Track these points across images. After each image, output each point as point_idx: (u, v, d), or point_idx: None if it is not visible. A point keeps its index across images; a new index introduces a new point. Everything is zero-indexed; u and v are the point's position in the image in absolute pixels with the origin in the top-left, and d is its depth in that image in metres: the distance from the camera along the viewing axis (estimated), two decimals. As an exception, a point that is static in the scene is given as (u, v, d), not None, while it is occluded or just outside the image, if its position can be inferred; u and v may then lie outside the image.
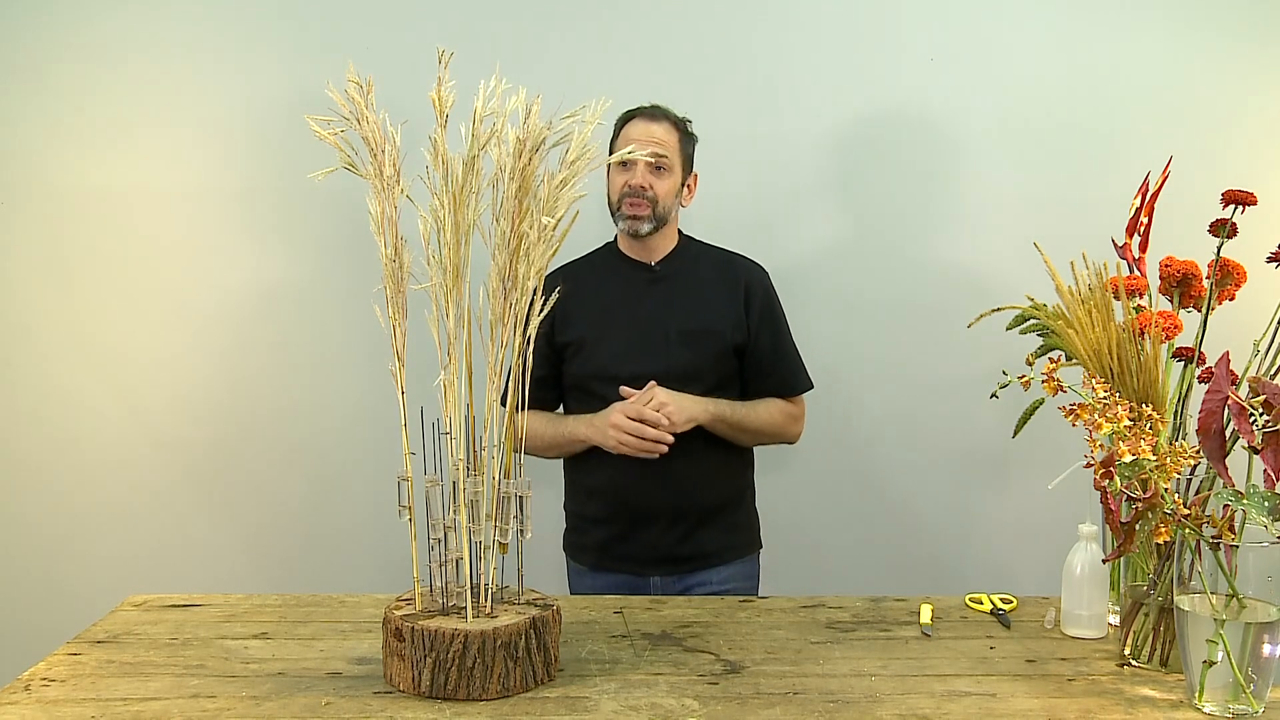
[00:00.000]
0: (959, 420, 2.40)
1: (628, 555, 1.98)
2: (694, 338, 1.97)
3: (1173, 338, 1.62)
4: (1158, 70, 2.38)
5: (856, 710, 1.31)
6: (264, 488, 2.40)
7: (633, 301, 2.01)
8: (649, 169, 1.94)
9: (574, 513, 2.08)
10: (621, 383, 1.92)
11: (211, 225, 2.36)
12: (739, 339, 1.99)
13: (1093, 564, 1.57)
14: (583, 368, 1.99)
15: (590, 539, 2.03)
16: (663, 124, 1.97)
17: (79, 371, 2.36)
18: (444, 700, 1.32)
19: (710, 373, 1.97)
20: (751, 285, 2.02)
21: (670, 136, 1.96)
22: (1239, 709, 1.30)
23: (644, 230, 1.96)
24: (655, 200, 1.95)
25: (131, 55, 2.32)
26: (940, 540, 2.46)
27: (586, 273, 2.05)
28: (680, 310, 1.99)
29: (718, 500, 2.00)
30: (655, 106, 2.00)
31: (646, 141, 1.94)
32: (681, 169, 1.99)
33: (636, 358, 1.96)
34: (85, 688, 1.34)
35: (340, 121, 1.37)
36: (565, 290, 2.02)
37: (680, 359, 1.95)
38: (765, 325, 2.02)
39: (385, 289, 1.38)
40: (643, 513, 1.96)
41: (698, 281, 2.02)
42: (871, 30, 2.38)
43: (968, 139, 2.38)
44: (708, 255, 2.07)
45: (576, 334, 1.99)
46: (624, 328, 1.99)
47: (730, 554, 2.01)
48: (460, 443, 1.40)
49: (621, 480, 1.94)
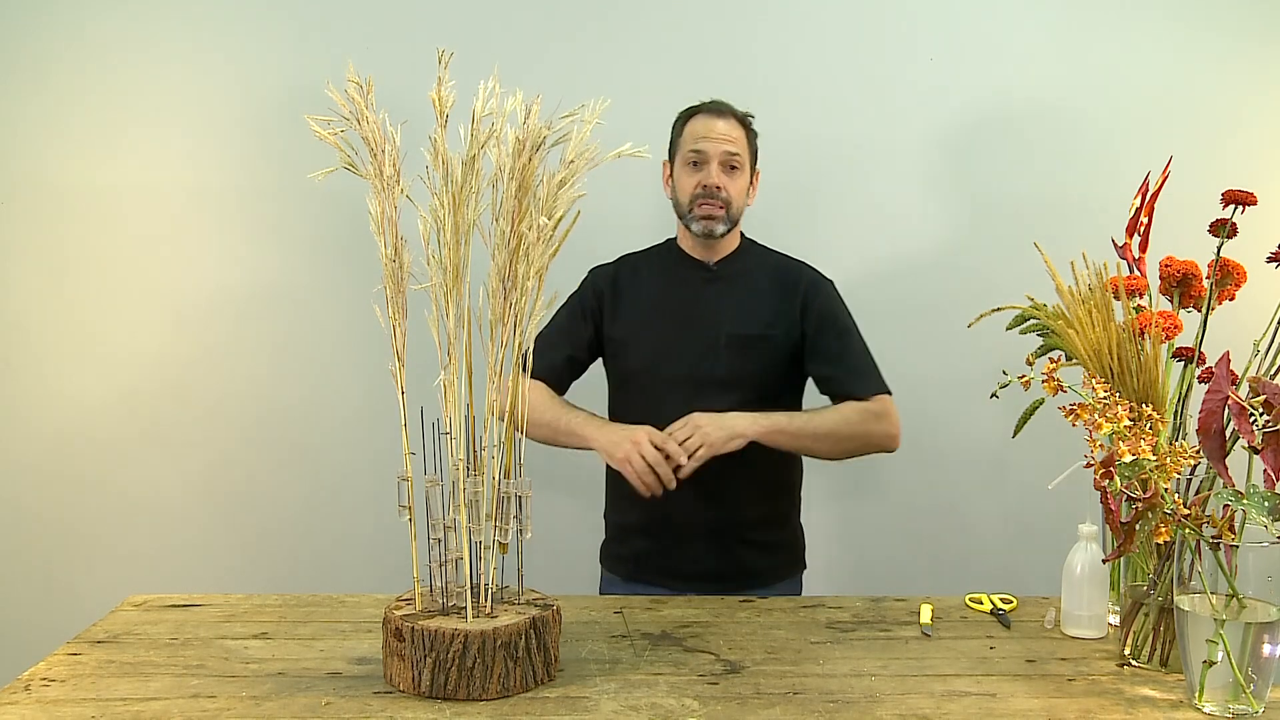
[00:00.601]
0: (959, 420, 2.40)
1: (665, 569, 1.91)
2: (743, 342, 1.90)
3: (1173, 338, 1.62)
4: (1158, 70, 2.39)
5: (856, 710, 1.31)
6: (264, 487, 2.40)
7: (685, 300, 1.94)
8: (722, 168, 1.86)
9: (614, 521, 2.02)
10: (663, 381, 1.87)
11: (211, 225, 2.36)
12: (793, 345, 1.92)
13: (1093, 564, 1.57)
14: (626, 363, 1.94)
15: (628, 549, 1.97)
16: (729, 119, 1.89)
17: (78, 371, 2.36)
18: (444, 700, 1.32)
19: (756, 380, 1.90)
20: (810, 291, 1.94)
21: (738, 132, 1.89)
22: (1239, 709, 1.30)
23: (719, 231, 1.89)
24: (729, 201, 1.88)
25: (131, 55, 2.32)
26: (940, 540, 2.46)
27: (642, 266, 1.99)
28: (732, 313, 1.92)
29: (761, 518, 1.93)
30: (716, 101, 1.92)
31: (719, 139, 1.86)
32: (750, 166, 1.93)
33: (681, 358, 1.90)
34: (85, 688, 1.34)
35: (340, 121, 1.37)
36: (619, 282, 1.99)
37: (725, 363, 1.89)
38: (826, 329, 1.93)
39: (385, 289, 1.38)
40: (682, 526, 1.89)
41: (753, 285, 1.95)
42: (872, 30, 2.38)
43: (968, 138, 2.39)
44: (768, 259, 2.00)
45: (623, 328, 1.94)
46: (672, 326, 1.92)
47: (771, 575, 1.93)
48: (460, 443, 1.39)
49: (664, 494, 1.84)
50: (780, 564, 1.98)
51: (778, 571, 1.95)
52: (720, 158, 1.87)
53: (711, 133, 1.87)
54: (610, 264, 2.03)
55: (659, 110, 2.15)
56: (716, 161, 1.86)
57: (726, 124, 1.88)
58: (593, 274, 2.03)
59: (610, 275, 2.01)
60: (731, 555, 1.91)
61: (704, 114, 1.90)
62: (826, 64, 2.38)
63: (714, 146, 1.87)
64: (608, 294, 1.98)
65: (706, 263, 1.96)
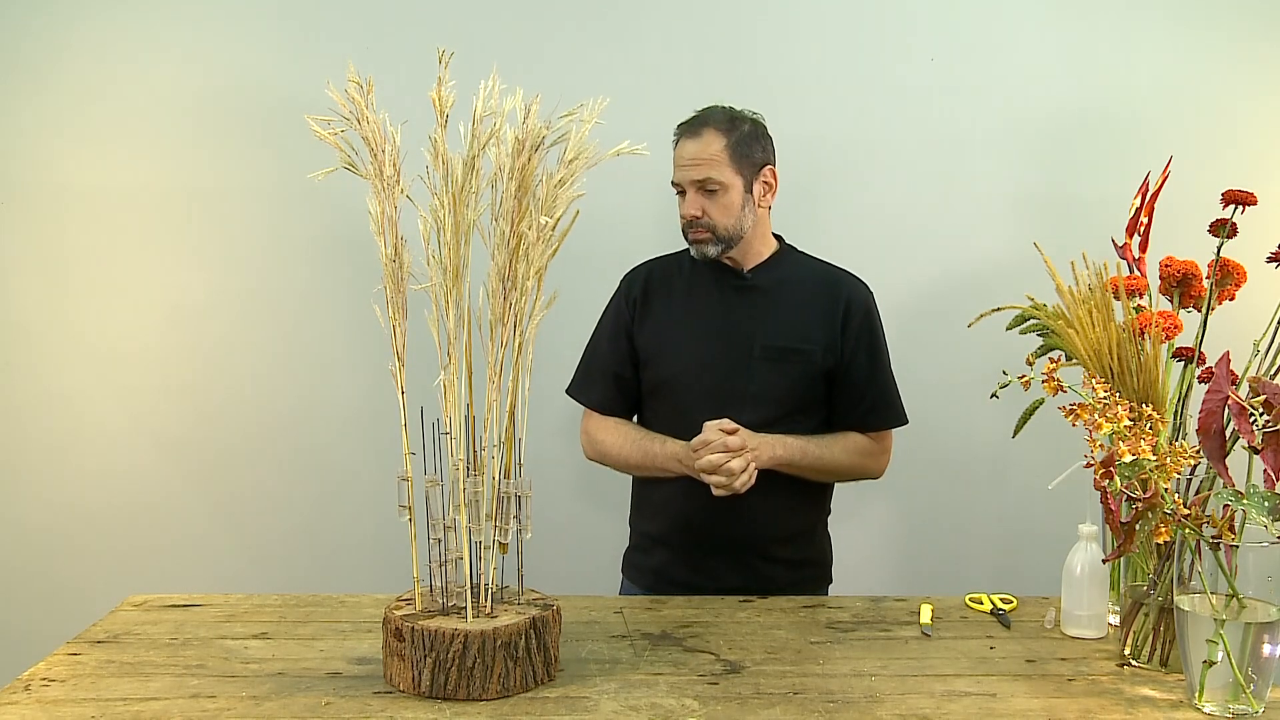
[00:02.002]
0: (959, 420, 2.40)
1: (687, 583, 1.84)
2: (781, 355, 1.83)
3: (1173, 338, 1.62)
4: (1158, 70, 2.38)
5: (856, 710, 1.31)
6: (264, 487, 2.40)
7: (719, 309, 1.87)
8: (698, 193, 1.81)
9: (638, 529, 1.97)
10: (693, 392, 1.83)
11: (211, 225, 2.36)
12: (830, 363, 1.85)
13: (1093, 564, 1.57)
14: (657, 371, 1.88)
15: (651, 560, 1.91)
16: (704, 137, 1.80)
17: (78, 371, 2.36)
18: (444, 700, 1.32)
19: (792, 395, 1.84)
20: (852, 305, 1.87)
21: (713, 147, 1.79)
22: (1239, 709, 1.30)
23: (710, 254, 1.83)
24: (713, 225, 1.81)
25: (131, 55, 2.32)
26: (940, 540, 2.46)
27: (674, 270, 1.93)
28: (769, 324, 1.85)
29: (787, 533, 1.87)
30: (699, 115, 1.84)
31: (688, 166, 1.80)
32: (740, 175, 1.81)
33: (716, 370, 1.84)
34: (85, 688, 1.34)
35: (340, 121, 1.37)
36: (650, 286, 1.93)
37: (762, 377, 1.83)
38: (862, 350, 1.86)
39: (385, 289, 1.38)
40: (707, 539, 1.84)
41: (792, 295, 1.87)
42: (872, 30, 2.38)
43: (968, 139, 2.39)
44: (807, 267, 1.92)
45: (654, 334, 1.89)
46: (706, 336, 1.86)
47: (795, 591, 1.83)
48: (460, 443, 1.39)
49: (688, 504, 1.82)
50: (805, 579, 1.91)
51: (802, 588, 1.86)
52: (692, 186, 1.81)
53: (682, 159, 1.82)
54: (642, 267, 1.98)
55: (658, 110, 2.15)
56: (690, 190, 1.81)
57: (697, 145, 1.80)
58: (625, 281, 1.98)
59: (642, 280, 1.95)
60: (755, 571, 1.85)
61: (682, 138, 1.84)
62: (826, 64, 2.38)
63: (684, 175, 1.81)
64: (640, 300, 1.93)
65: (740, 270, 1.89)
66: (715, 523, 1.82)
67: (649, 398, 1.92)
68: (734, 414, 1.77)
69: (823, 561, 1.97)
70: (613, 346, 1.94)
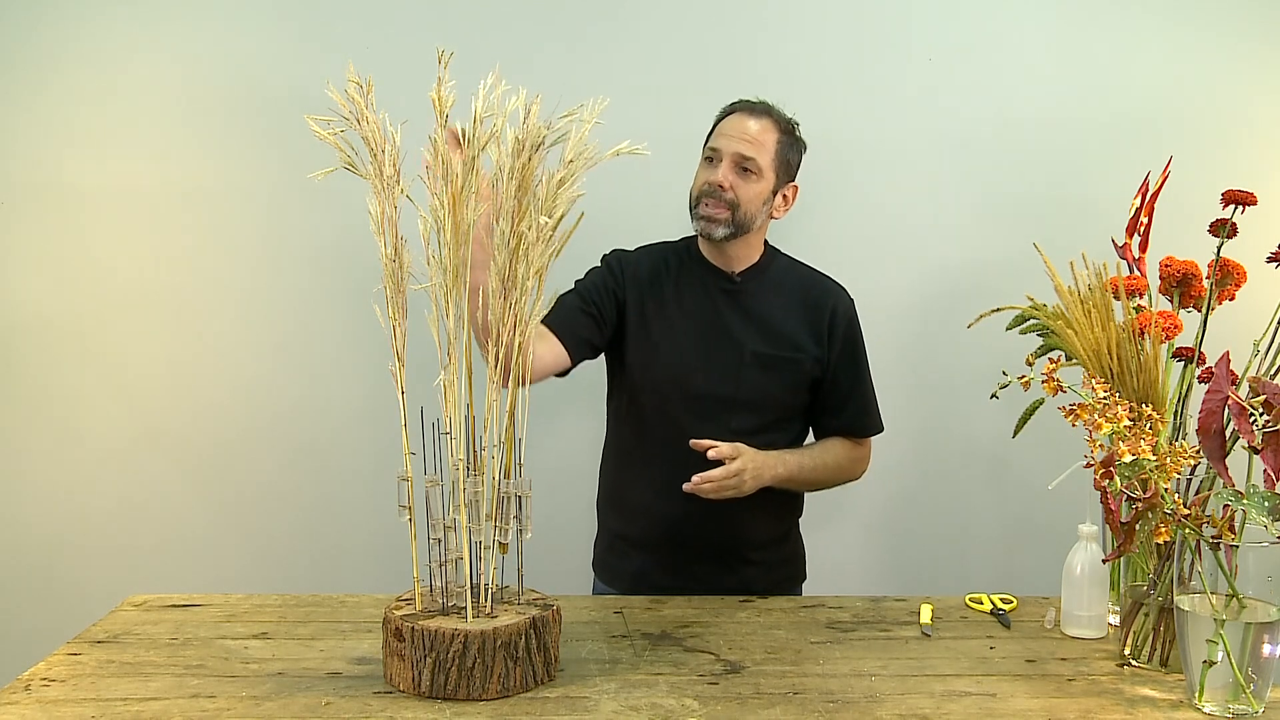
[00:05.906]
0: (959, 420, 2.40)
1: (666, 587, 1.81)
2: (771, 362, 1.81)
3: (1173, 338, 1.62)
4: (1158, 70, 2.38)
5: (856, 710, 1.31)
6: (264, 487, 2.40)
7: (708, 311, 1.84)
8: (734, 168, 1.76)
9: (613, 531, 1.93)
10: (687, 398, 1.79)
11: (211, 224, 2.36)
12: (818, 371, 1.84)
13: (1093, 564, 1.57)
14: (646, 373, 1.83)
15: (627, 565, 1.89)
16: (762, 120, 1.77)
17: (79, 371, 2.36)
18: (444, 700, 1.32)
19: (780, 402, 1.83)
20: (836, 314, 1.85)
21: (767, 136, 1.77)
22: (1239, 709, 1.30)
23: (717, 234, 1.78)
24: (736, 204, 1.76)
25: (131, 55, 2.31)
26: (940, 540, 2.46)
27: (660, 268, 1.88)
28: (758, 330, 1.83)
29: (766, 537, 1.88)
30: (762, 101, 1.82)
31: (736, 137, 1.76)
32: (776, 174, 1.79)
33: (706, 374, 1.81)
34: (85, 688, 1.34)
35: (340, 121, 1.37)
36: (640, 278, 1.85)
37: (753, 383, 1.81)
38: (845, 360, 1.86)
39: (385, 289, 1.38)
40: (687, 544, 1.82)
41: (779, 301, 1.85)
42: (872, 30, 2.38)
43: (968, 139, 2.38)
44: (793, 273, 1.90)
45: (640, 333, 1.84)
46: (695, 338, 1.82)
47: (773, 591, 1.84)
48: (460, 443, 1.40)
49: (670, 507, 1.78)
50: (782, 579, 1.93)
51: (779, 587, 1.89)
52: (733, 157, 1.76)
53: (733, 131, 1.77)
54: (630, 255, 1.91)
55: (658, 110, 2.16)
56: (729, 160, 1.76)
57: (759, 125, 1.77)
58: (616, 260, 1.90)
59: (633, 267, 1.89)
60: (735, 574, 1.85)
61: (739, 111, 1.80)
62: (826, 64, 2.37)
63: (728, 144, 1.77)
64: (635, 284, 1.86)
65: (729, 273, 1.86)
66: (697, 527, 1.80)
67: (635, 397, 1.86)
68: (723, 418, 1.77)
69: (797, 559, 1.99)
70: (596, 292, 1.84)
